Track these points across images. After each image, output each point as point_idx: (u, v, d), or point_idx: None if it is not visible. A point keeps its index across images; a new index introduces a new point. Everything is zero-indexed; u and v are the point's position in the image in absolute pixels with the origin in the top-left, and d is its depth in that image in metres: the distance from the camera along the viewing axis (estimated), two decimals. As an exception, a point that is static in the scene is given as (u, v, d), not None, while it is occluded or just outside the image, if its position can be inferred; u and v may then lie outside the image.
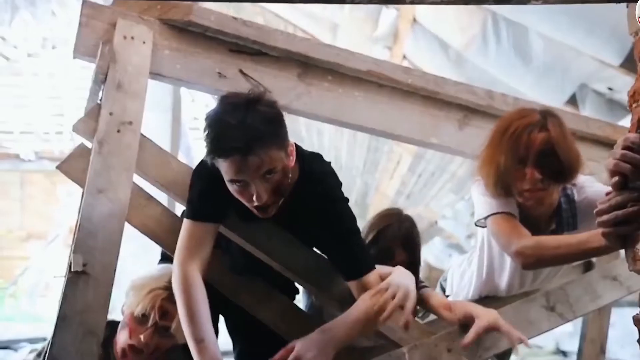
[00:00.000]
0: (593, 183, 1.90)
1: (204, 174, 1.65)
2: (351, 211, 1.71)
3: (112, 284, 1.53)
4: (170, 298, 1.69)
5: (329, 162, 1.76)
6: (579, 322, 2.31)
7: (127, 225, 1.78)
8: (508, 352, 2.17)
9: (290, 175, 1.58)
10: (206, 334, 1.56)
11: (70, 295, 1.47)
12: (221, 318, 2.00)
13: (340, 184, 1.73)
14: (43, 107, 9.22)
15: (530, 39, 3.97)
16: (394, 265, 1.72)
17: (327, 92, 1.99)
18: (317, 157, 1.75)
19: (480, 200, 1.85)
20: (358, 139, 6.49)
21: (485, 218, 1.84)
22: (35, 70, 8.84)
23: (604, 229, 1.48)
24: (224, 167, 1.51)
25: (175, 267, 1.63)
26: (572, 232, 1.87)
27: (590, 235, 1.62)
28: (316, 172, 1.69)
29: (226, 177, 1.53)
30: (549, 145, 1.71)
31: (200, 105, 9.01)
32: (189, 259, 1.63)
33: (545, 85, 4.06)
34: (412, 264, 1.97)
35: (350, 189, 7.85)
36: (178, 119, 5.76)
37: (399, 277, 1.62)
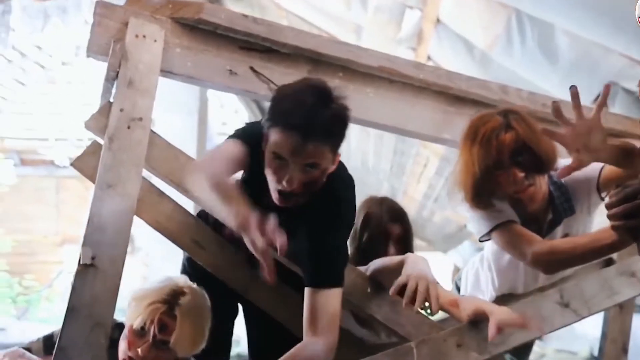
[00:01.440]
0: None
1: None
2: (345, 236, 1.69)
3: (121, 277, 1.55)
4: (169, 311, 1.69)
5: (353, 188, 1.74)
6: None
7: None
8: (525, 350, 2.14)
9: (324, 179, 1.58)
10: (234, 193, 1.47)
11: (79, 287, 1.50)
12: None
13: (352, 214, 1.73)
14: (77, 115, 9.42)
15: (555, 37, 3.91)
16: (389, 242, 1.72)
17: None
18: (346, 177, 1.73)
19: (478, 215, 1.83)
20: (385, 142, 6.47)
21: (489, 232, 1.82)
22: (70, 78, 9.03)
23: (613, 222, 1.46)
24: (277, 137, 1.50)
25: (200, 170, 1.56)
26: (571, 216, 1.85)
27: (602, 231, 1.60)
28: (338, 191, 1.66)
29: (272, 147, 1.52)
30: (520, 142, 1.70)
31: (229, 110, 9.10)
32: (222, 169, 1.55)
33: (572, 83, 3.98)
34: (406, 236, 1.99)
35: (378, 193, 7.82)
36: (204, 122, 5.82)
37: (414, 266, 1.61)
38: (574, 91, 1.44)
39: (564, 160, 1.84)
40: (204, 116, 5.72)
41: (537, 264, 1.75)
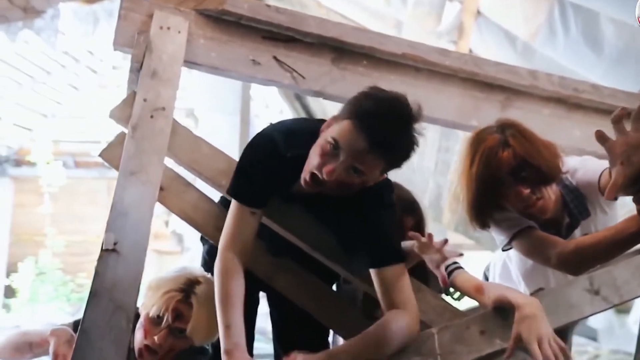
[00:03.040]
0: (585, 163, 1.81)
1: (260, 147, 1.68)
2: (392, 215, 1.68)
3: (143, 262, 1.58)
4: (185, 300, 1.73)
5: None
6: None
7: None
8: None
9: (357, 189, 1.58)
10: (233, 320, 1.57)
11: (102, 272, 1.53)
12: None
13: (394, 216, 1.71)
14: (127, 117, 9.63)
15: (601, 25, 3.80)
16: (404, 234, 1.70)
17: (362, 76, 1.97)
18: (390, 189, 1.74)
19: (497, 225, 1.79)
20: (428, 139, 6.39)
21: (510, 242, 1.78)
22: (119, 82, 9.25)
23: (639, 206, 1.41)
24: (347, 130, 1.51)
25: (218, 251, 1.65)
26: (587, 219, 1.79)
27: (626, 221, 1.55)
28: (383, 198, 1.67)
29: (334, 134, 1.53)
30: (519, 159, 1.65)
31: (274, 110, 9.15)
32: (231, 244, 1.64)
33: (619, 72, 3.87)
34: (420, 226, 1.96)
35: (423, 192, 7.73)
36: (246, 121, 5.86)
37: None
38: None
39: (572, 160, 1.79)
40: (246, 116, 5.77)
41: (564, 266, 1.70)
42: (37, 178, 8.42)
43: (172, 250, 9.27)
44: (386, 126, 1.49)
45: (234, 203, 1.67)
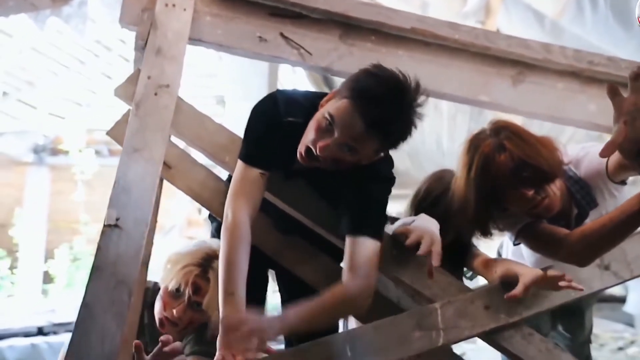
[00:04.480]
0: (586, 151, 1.76)
1: (261, 107, 1.68)
2: (385, 194, 1.67)
3: (144, 238, 1.59)
4: (203, 274, 1.76)
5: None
6: None
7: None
8: (578, 321, 2.05)
9: (349, 166, 1.58)
10: (237, 289, 1.56)
11: (104, 247, 1.54)
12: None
13: (387, 191, 1.70)
14: (160, 105, 9.74)
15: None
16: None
17: (370, 52, 1.94)
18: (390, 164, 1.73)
19: (504, 223, 1.76)
20: (457, 122, 6.32)
21: (517, 237, 1.75)
22: (151, 70, 9.34)
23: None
24: (344, 109, 1.50)
25: (227, 213, 1.62)
26: (595, 208, 1.74)
27: (629, 200, 1.50)
28: (380, 173, 1.67)
29: (331, 111, 1.52)
30: (517, 160, 1.59)
31: (304, 96, 9.12)
32: (243, 205, 1.62)
33: (650, 50, 3.76)
34: None
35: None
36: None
37: (422, 223, 1.56)
38: None
39: (573, 150, 1.74)
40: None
41: (572, 256, 1.65)
42: (73, 166, 8.57)
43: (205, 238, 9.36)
44: (383, 109, 1.48)
45: (241, 166, 1.65)
